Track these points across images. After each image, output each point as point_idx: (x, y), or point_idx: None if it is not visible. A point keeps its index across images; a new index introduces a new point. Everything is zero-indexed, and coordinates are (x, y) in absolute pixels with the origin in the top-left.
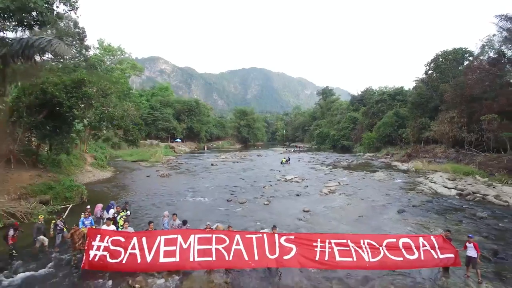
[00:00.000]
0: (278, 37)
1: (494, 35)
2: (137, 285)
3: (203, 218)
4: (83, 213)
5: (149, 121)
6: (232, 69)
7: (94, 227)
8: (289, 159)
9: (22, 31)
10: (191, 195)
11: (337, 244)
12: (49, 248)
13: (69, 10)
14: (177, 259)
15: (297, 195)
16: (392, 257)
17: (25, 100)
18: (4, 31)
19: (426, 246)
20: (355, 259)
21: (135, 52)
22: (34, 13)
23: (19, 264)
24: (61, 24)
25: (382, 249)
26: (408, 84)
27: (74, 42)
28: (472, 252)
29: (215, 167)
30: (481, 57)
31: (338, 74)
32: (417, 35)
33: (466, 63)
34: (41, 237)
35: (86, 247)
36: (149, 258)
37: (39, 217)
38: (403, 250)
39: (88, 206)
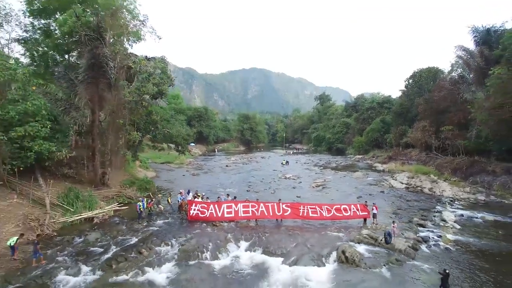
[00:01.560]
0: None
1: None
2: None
3: (240, 197)
4: (179, 193)
5: None
6: (233, 69)
7: (185, 201)
8: (288, 162)
9: None
10: (222, 187)
11: (310, 208)
12: (164, 212)
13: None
14: (233, 215)
15: (293, 187)
16: (337, 213)
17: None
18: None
19: (354, 209)
20: (319, 215)
21: (137, 53)
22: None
23: (154, 218)
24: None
25: (332, 210)
26: (401, 87)
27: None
28: (375, 211)
29: (230, 168)
30: (450, 75)
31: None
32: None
33: (438, 80)
34: (160, 206)
35: (188, 209)
36: (219, 214)
37: (158, 195)
38: (343, 211)
39: (181, 190)
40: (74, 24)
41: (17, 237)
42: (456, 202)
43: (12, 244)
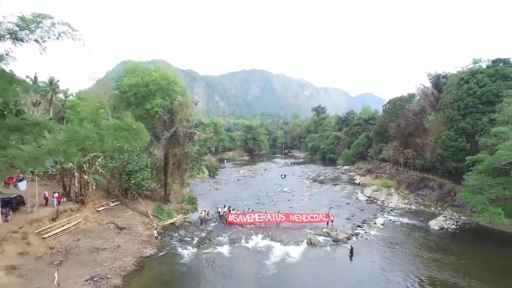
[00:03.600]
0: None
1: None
2: (212, 239)
3: (253, 208)
4: (219, 207)
5: None
6: (233, 70)
7: (223, 212)
8: (286, 175)
9: None
10: (239, 199)
11: (295, 216)
12: (209, 219)
13: None
14: (252, 220)
15: (288, 200)
16: (311, 219)
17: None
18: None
19: (321, 216)
20: (301, 220)
21: (139, 55)
22: None
23: (207, 223)
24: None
25: (308, 217)
26: (400, 87)
27: None
28: (332, 218)
29: (241, 182)
30: (413, 108)
31: (337, 74)
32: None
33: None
34: (209, 216)
35: (227, 217)
36: (245, 220)
37: (207, 209)
38: (314, 217)
39: (220, 205)
40: (159, 111)
41: (156, 232)
42: (394, 211)
43: (156, 235)
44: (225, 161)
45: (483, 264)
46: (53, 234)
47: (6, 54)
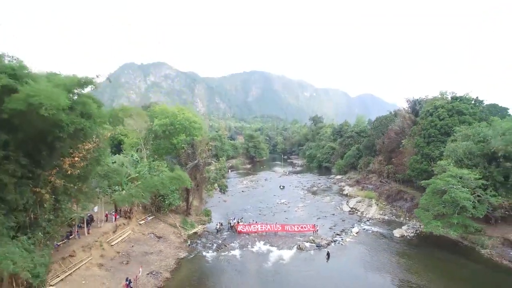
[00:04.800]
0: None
1: (407, 111)
2: (226, 245)
3: (256, 219)
4: (229, 219)
5: None
6: (234, 72)
7: (234, 223)
8: (284, 186)
9: None
10: (244, 211)
11: (289, 226)
12: (223, 229)
13: None
14: (257, 229)
15: (284, 211)
16: (301, 229)
17: None
18: None
19: (308, 227)
20: (293, 230)
21: (141, 58)
22: None
23: (220, 232)
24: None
25: (299, 227)
26: (400, 87)
27: None
28: (317, 228)
29: (245, 193)
30: (395, 128)
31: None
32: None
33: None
34: (220, 226)
35: (236, 227)
36: (252, 229)
37: (221, 221)
38: (304, 227)
39: (230, 217)
40: (184, 146)
41: (188, 240)
42: (369, 221)
43: (188, 242)
44: (229, 170)
45: (428, 263)
46: (116, 242)
47: None
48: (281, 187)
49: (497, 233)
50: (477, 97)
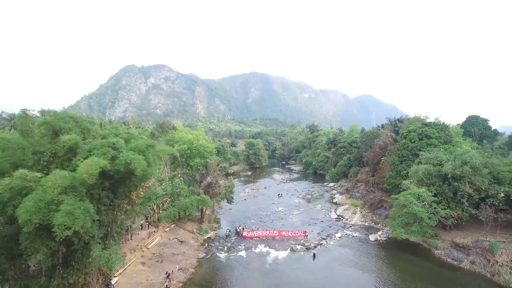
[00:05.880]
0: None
1: (389, 129)
2: (234, 247)
3: (257, 225)
4: (236, 226)
5: None
6: (233, 74)
7: (240, 229)
8: (282, 195)
9: None
10: (247, 218)
11: (284, 232)
12: (231, 234)
13: None
14: (259, 235)
15: (281, 218)
16: (294, 234)
17: None
18: None
19: (300, 233)
20: (287, 235)
21: (141, 60)
22: None
23: (229, 237)
24: None
25: (292, 233)
26: (399, 88)
27: None
28: (307, 234)
29: (247, 202)
30: (379, 142)
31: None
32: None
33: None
34: (228, 232)
35: (242, 233)
36: (254, 234)
37: (227, 228)
38: (296, 233)
39: (237, 225)
40: (199, 167)
41: (206, 244)
42: (352, 227)
43: (206, 245)
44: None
45: (393, 262)
46: (151, 246)
47: None
48: (279, 195)
49: (449, 237)
50: (443, 123)
